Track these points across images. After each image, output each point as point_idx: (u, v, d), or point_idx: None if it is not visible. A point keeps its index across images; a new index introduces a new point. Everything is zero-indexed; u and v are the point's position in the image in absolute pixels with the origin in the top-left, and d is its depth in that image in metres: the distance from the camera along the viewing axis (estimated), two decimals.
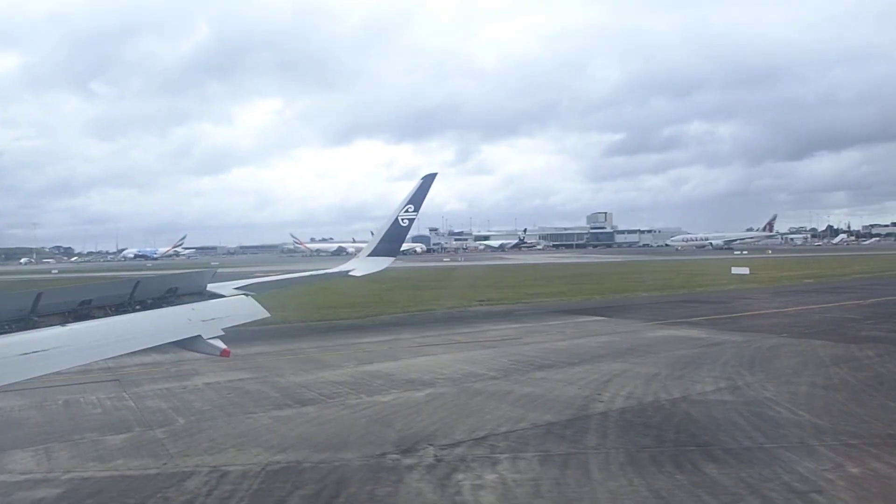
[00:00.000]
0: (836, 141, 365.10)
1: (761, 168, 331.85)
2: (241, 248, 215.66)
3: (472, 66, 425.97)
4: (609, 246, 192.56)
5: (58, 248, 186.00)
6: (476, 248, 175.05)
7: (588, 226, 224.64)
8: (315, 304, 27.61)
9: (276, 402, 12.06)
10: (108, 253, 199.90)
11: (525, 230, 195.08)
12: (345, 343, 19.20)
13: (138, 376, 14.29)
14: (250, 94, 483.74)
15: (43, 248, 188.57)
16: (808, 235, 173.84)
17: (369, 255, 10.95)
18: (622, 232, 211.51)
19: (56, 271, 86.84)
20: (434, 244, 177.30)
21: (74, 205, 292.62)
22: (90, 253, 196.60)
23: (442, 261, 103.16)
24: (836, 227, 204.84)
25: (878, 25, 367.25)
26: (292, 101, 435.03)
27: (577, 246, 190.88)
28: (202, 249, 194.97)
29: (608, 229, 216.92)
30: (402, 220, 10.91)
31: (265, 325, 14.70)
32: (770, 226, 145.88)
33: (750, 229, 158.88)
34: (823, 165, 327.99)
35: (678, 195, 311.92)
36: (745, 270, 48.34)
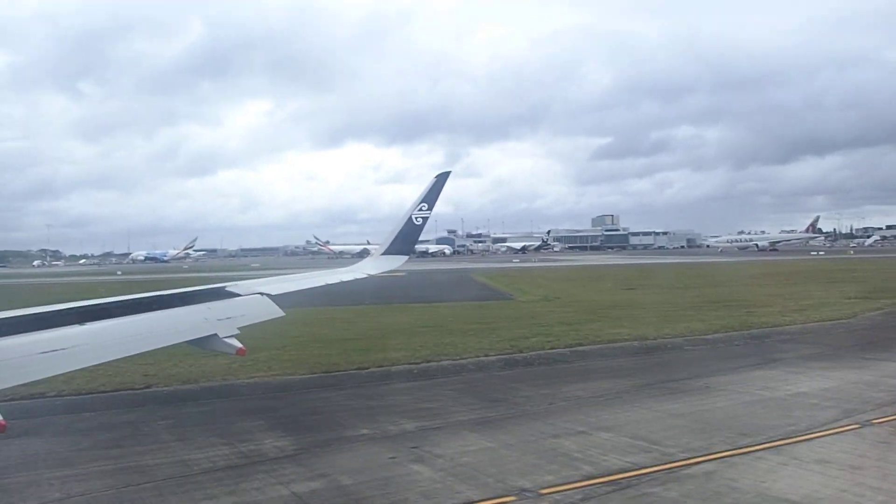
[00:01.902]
0: (819, 145, 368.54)
1: (746, 172, 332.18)
2: (242, 250, 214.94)
3: (464, 69, 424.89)
4: (623, 248, 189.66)
5: (44, 251, 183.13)
6: (497, 250, 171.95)
7: (601, 228, 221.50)
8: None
9: None
10: (113, 255, 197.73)
11: (549, 232, 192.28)
12: None
13: None
14: (241, 95, 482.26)
15: (29, 250, 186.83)
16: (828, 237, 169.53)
17: (383, 254, 11.00)
18: (636, 234, 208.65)
19: (120, 272, 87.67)
20: (459, 246, 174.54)
21: (55, 207, 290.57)
22: (100, 255, 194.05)
23: (511, 262, 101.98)
24: (852, 228, 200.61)
25: (864, 31, 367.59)
26: (283, 103, 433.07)
27: (592, 248, 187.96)
28: (201, 252, 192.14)
29: (621, 231, 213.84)
30: (416, 218, 10.85)
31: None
32: (813, 227, 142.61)
33: (793, 230, 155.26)
34: (806, 169, 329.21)
35: (662, 199, 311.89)
36: None
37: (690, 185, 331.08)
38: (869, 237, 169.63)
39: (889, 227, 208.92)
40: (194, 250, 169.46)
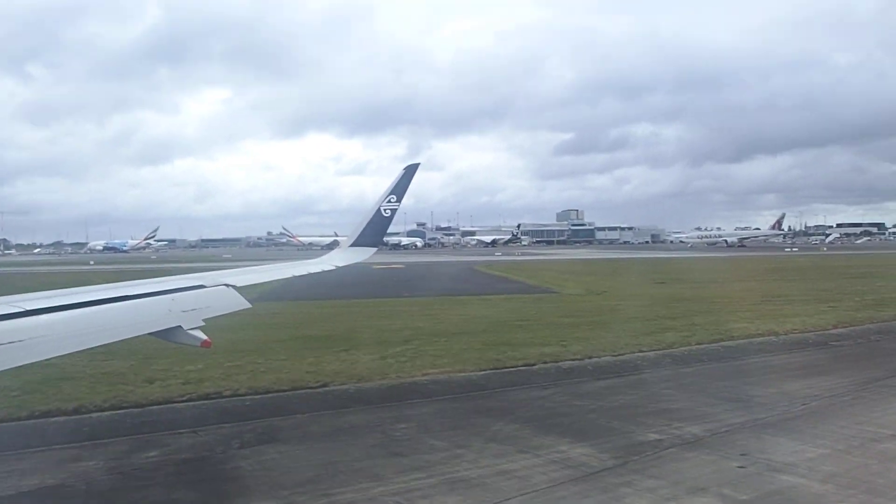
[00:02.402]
0: (772, 145, 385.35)
1: (701, 170, 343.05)
2: (203, 241, 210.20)
3: (429, 61, 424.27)
4: (590, 243, 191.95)
5: None
6: (468, 243, 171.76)
7: (567, 223, 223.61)
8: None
9: None
10: (65, 244, 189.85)
11: (519, 226, 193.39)
12: None
13: None
14: (199, 83, 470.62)
15: None
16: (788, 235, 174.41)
17: (351, 246, 10.91)
18: (602, 229, 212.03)
19: (92, 262, 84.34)
20: (430, 239, 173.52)
21: None
22: (52, 244, 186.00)
23: (494, 255, 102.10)
24: (805, 226, 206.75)
25: (816, 35, 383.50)
26: (243, 91, 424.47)
27: (559, 242, 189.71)
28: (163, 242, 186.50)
29: (588, 226, 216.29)
30: (385, 210, 10.81)
31: None
32: (779, 224, 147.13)
33: (754, 227, 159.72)
34: (759, 168, 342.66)
35: (621, 194, 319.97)
36: None
37: (648, 182, 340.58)
38: (828, 235, 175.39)
39: (839, 225, 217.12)
40: (156, 240, 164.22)
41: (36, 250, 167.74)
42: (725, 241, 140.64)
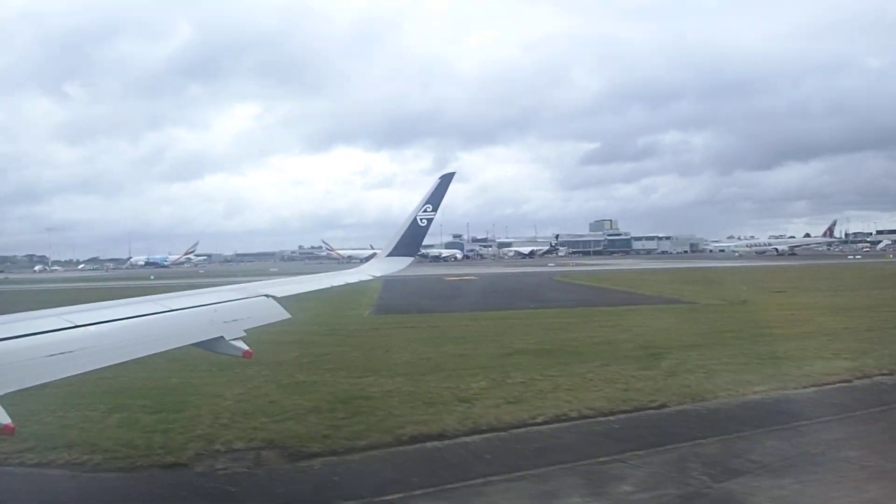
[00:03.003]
0: (803, 151, 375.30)
1: (730, 178, 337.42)
2: (238, 255, 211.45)
3: (454, 73, 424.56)
4: (627, 253, 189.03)
5: (30, 256, 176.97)
6: (505, 254, 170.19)
7: (601, 233, 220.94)
8: None
9: None
10: (107, 260, 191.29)
11: (557, 236, 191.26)
12: None
13: None
14: (230, 99, 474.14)
15: (14, 255, 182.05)
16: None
17: (388, 255, 10.89)
18: (639, 238, 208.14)
19: (153, 276, 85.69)
20: (469, 251, 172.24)
21: (35, 212, 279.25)
22: (87, 260, 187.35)
23: (548, 265, 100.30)
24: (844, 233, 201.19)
25: (847, 38, 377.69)
26: (272, 107, 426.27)
27: (595, 253, 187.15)
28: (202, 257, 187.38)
29: (624, 236, 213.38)
30: (421, 220, 10.76)
31: None
32: (831, 231, 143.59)
33: (807, 235, 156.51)
34: (789, 175, 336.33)
35: (648, 203, 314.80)
36: None
37: (676, 190, 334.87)
38: (878, 242, 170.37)
39: (879, 232, 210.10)
40: (195, 255, 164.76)
41: (80, 266, 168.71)
42: (776, 249, 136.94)
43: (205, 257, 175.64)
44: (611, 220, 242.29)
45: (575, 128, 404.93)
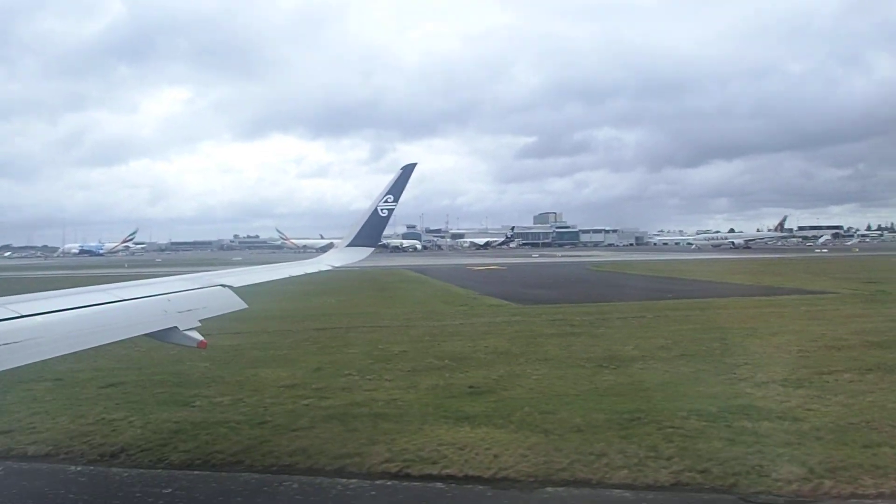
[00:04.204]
0: (728, 150, 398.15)
1: (659, 174, 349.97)
2: (173, 243, 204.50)
3: (397, 63, 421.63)
4: (575, 245, 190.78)
5: None
6: (460, 245, 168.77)
7: (549, 225, 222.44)
8: None
9: None
10: (37, 248, 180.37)
11: (513, 228, 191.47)
12: None
13: None
14: (160, 81, 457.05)
15: None
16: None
17: (348, 246, 10.91)
18: (587, 231, 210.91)
19: (126, 265, 78.78)
20: (425, 241, 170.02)
21: None
22: (23, 248, 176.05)
23: (531, 257, 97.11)
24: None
25: (771, 45, 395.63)
26: (205, 91, 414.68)
27: (544, 245, 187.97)
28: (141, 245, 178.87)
29: (572, 229, 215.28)
30: (382, 210, 10.85)
31: None
32: (781, 226, 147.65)
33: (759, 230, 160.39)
34: (713, 173, 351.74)
35: (580, 197, 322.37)
36: None
37: (607, 186, 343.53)
38: (819, 237, 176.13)
39: (800, 228, 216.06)
40: (134, 243, 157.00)
41: (7, 254, 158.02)
42: (732, 242, 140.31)
43: (144, 245, 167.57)
44: (555, 213, 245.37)
45: (513, 122, 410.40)
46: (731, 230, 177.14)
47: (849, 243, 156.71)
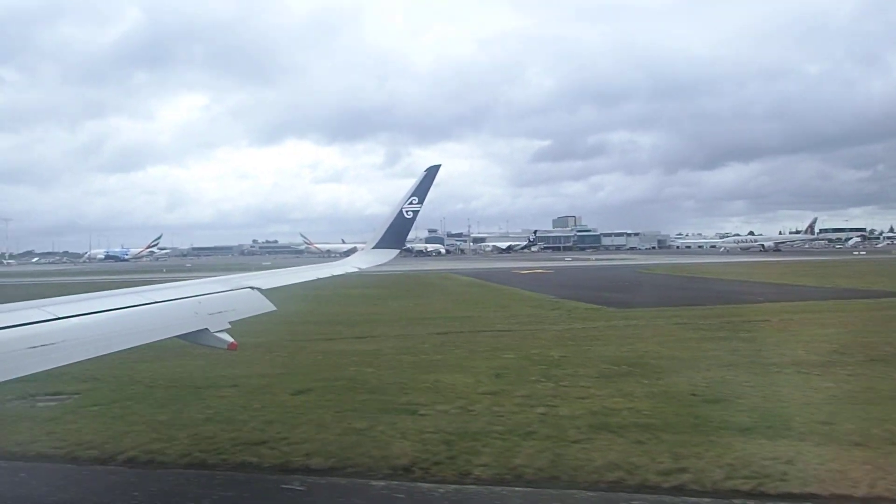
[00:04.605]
0: (744, 152, 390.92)
1: (675, 177, 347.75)
2: (194, 249, 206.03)
3: (411, 68, 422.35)
4: (596, 249, 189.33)
5: None
6: (483, 249, 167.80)
7: (570, 229, 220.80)
8: None
9: None
10: (59, 254, 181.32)
11: (535, 232, 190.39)
12: None
13: None
14: (177, 88, 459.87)
15: None
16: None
17: (374, 248, 10.86)
18: (608, 235, 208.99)
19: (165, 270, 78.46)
20: (448, 245, 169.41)
21: None
22: (47, 254, 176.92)
23: (564, 260, 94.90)
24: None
25: (788, 46, 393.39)
26: (221, 97, 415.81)
27: (565, 248, 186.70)
28: (166, 250, 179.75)
29: (593, 232, 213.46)
30: (407, 212, 10.77)
31: None
32: (811, 228, 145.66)
33: (797, 231, 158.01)
34: (729, 175, 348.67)
35: (594, 201, 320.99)
36: None
37: (621, 188, 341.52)
38: (849, 239, 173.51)
39: (822, 231, 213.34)
40: (159, 248, 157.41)
41: (34, 259, 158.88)
42: (762, 245, 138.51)
43: (168, 251, 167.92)
44: (574, 217, 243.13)
45: (527, 125, 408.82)
46: (751, 233, 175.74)
47: (878, 245, 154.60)
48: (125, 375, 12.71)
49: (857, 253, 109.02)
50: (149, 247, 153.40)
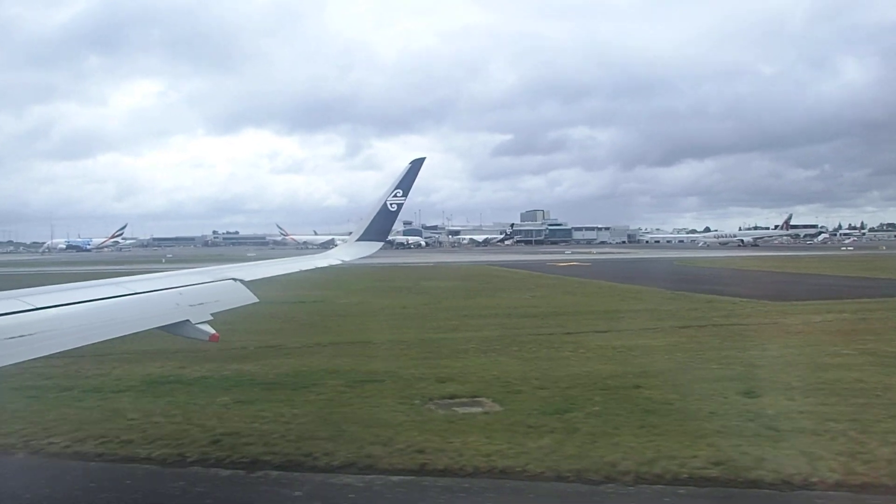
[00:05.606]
0: (699, 150, 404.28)
1: (632, 173, 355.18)
2: (155, 239, 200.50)
3: (374, 59, 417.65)
4: (567, 242, 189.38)
5: None
6: (460, 242, 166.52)
7: (540, 223, 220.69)
8: None
9: None
10: (20, 244, 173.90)
11: (512, 225, 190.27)
12: None
13: None
14: (132, 73, 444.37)
15: None
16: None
17: (358, 240, 10.91)
18: (580, 229, 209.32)
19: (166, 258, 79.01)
20: (426, 237, 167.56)
21: None
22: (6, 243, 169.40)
23: (564, 253, 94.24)
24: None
25: (743, 47, 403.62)
26: (177, 84, 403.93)
27: (536, 242, 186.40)
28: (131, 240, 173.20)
29: (565, 227, 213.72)
30: (391, 205, 10.79)
31: None
32: (787, 224, 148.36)
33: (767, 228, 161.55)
34: (683, 172, 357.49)
35: (552, 195, 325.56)
36: None
37: (579, 184, 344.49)
38: (818, 234, 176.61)
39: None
40: (123, 238, 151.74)
41: None
42: (741, 240, 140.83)
43: (133, 241, 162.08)
44: (543, 211, 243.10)
45: (489, 120, 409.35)
46: (707, 228, 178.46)
47: (847, 241, 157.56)
48: None
49: (845, 249, 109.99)
50: (113, 237, 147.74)
